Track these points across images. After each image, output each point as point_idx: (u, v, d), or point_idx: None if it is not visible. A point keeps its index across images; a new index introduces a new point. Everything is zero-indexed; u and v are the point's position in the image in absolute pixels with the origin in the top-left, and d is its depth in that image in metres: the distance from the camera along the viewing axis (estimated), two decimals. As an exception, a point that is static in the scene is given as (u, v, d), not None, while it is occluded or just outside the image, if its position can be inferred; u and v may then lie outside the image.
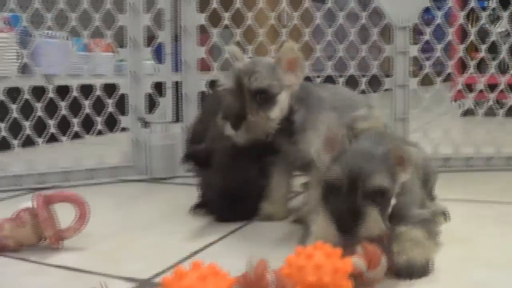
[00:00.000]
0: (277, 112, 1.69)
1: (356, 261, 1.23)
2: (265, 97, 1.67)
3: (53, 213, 1.58)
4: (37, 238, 1.58)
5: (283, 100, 1.70)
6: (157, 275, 1.38)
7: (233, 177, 1.84)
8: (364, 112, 1.92)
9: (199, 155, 1.88)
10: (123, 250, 1.60)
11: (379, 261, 1.24)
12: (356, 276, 1.23)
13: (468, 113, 3.23)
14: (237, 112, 1.64)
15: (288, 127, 1.74)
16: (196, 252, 1.56)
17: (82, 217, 1.60)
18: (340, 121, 1.82)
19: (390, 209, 1.40)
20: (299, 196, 2.06)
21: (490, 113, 2.66)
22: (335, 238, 1.30)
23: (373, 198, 1.33)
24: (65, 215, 1.60)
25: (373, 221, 1.31)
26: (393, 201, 1.41)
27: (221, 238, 1.69)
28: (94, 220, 1.63)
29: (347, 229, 1.30)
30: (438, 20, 2.53)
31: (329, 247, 1.21)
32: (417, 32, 2.86)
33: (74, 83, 2.47)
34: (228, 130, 1.65)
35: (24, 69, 3.28)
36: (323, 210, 1.35)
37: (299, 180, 2.00)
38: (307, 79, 1.92)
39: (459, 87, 2.63)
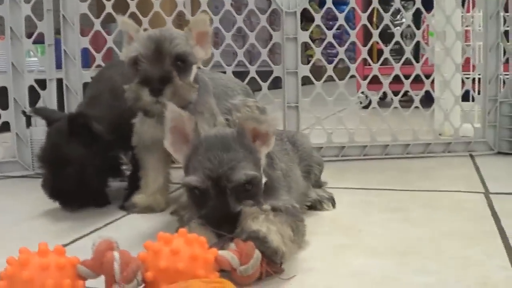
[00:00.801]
0: (192, 80, 1.62)
1: (226, 254, 1.15)
2: (184, 64, 1.59)
3: None
4: None
5: (195, 69, 1.64)
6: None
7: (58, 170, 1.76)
8: (238, 100, 1.86)
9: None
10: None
11: (251, 256, 1.15)
12: (229, 271, 1.16)
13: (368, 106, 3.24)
14: (160, 76, 1.54)
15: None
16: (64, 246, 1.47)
17: None
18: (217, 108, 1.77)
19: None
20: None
21: (387, 104, 2.65)
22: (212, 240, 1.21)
23: (244, 192, 1.27)
24: None
25: (252, 220, 1.23)
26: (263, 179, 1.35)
27: (93, 231, 1.61)
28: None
29: (226, 232, 1.22)
30: (328, 4, 2.49)
31: (193, 235, 1.13)
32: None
33: None
34: (146, 96, 1.54)
35: None
36: (196, 217, 1.26)
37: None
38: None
39: (352, 72, 2.59)
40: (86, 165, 1.75)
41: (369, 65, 2.59)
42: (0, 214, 1.83)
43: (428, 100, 2.72)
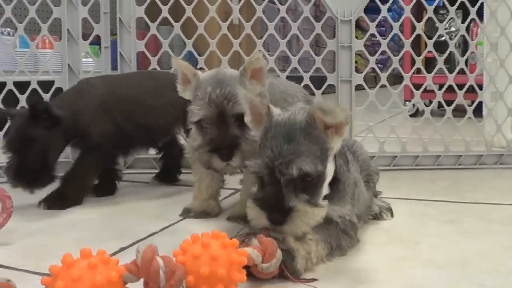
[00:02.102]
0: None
1: (251, 252, 1.18)
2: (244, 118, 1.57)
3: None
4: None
5: None
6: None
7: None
8: (298, 108, 1.85)
9: None
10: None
11: (274, 254, 1.18)
12: (250, 267, 1.18)
13: (419, 114, 3.20)
14: (228, 142, 1.56)
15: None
16: (124, 249, 1.49)
17: (6, 211, 1.53)
18: None
19: (326, 190, 1.34)
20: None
21: (439, 113, 2.63)
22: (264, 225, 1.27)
23: (300, 185, 1.28)
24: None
25: (301, 216, 1.25)
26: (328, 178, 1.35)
27: (150, 235, 1.62)
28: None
29: (276, 221, 1.25)
30: (383, 13, 2.47)
31: (226, 236, 1.16)
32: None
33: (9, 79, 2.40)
34: (218, 163, 1.57)
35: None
36: (254, 199, 1.30)
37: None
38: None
39: (406, 82, 2.57)
40: (49, 146, 1.89)
41: (417, 73, 2.57)
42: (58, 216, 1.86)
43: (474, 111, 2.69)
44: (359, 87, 2.48)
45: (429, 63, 2.57)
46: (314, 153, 1.29)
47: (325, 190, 1.34)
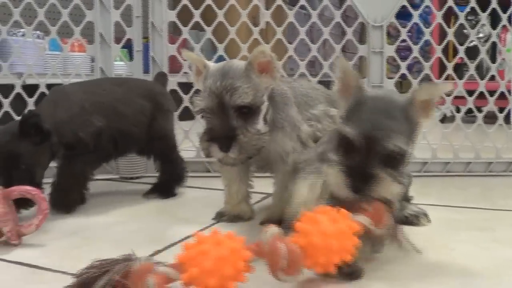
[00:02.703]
0: (262, 123, 1.61)
1: (362, 218, 1.21)
2: (250, 110, 1.58)
3: (12, 208, 1.55)
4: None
5: (265, 106, 1.62)
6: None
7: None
8: (319, 110, 1.85)
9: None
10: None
11: (384, 219, 1.22)
12: (362, 234, 1.22)
13: (446, 120, 3.19)
14: (225, 132, 1.55)
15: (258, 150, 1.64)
16: (159, 251, 1.50)
17: (42, 213, 1.55)
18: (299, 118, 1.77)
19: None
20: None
21: (467, 120, 2.62)
22: (345, 193, 1.26)
23: (389, 161, 1.27)
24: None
25: (386, 186, 1.26)
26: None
27: (184, 239, 1.61)
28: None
29: (359, 189, 1.25)
30: (415, 19, 2.47)
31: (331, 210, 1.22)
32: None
33: (42, 81, 2.43)
34: (217, 153, 1.56)
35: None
36: (337, 165, 1.29)
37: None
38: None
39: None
40: (36, 164, 1.80)
41: (446, 79, 2.57)
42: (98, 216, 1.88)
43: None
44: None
45: (457, 69, 2.55)
46: (408, 133, 1.30)
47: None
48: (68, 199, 1.92)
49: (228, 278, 1.09)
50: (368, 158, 1.26)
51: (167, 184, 2.17)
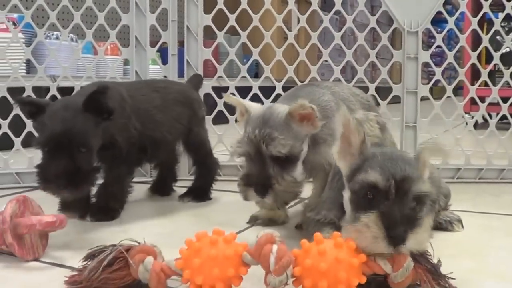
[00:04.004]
0: (300, 170, 1.61)
1: (382, 262, 1.18)
2: (287, 159, 1.58)
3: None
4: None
5: (303, 152, 1.63)
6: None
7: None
8: (359, 115, 1.85)
9: None
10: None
11: (401, 266, 1.18)
12: (381, 277, 1.20)
13: (479, 126, 3.17)
14: (261, 180, 1.56)
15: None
16: None
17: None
18: None
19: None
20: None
21: (502, 126, 2.61)
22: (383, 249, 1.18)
23: (423, 203, 1.26)
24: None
25: (426, 230, 1.21)
26: None
27: None
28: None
29: (400, 237, 1.17)
30: (450, 25, 2.46)
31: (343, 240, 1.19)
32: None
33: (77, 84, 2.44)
34: (253, 197, 1.58)
35: (28, 69, 3.29)
36: (367, 216, 1.20)
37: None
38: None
39: (472, 94, 2.56)
40: (95, 149, 1.69)
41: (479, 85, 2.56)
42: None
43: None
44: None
45: (489, 76, 2.54)
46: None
47: None
48: (110, 208, 1.89)
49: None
50: (403, 202, 1.21)
51: (202, 188, 2.19)
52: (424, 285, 1.19)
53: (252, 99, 2.05)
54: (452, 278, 1.24)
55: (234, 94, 1.69)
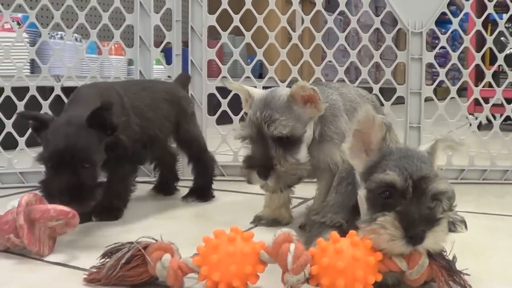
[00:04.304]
0: (304, 152, 1.62)
1: (397, 259, 1.18)
2: (289, 141, 1.59)
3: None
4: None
5: (308, 135, 1.64)
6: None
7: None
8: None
9: None
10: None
11: (419, 260, 1.18)
12: (397, 274, 1.21)
13: (483, 127, 3.17)
14: (263, 161, 1.58)
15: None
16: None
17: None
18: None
19: None
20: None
21: (506, 128, 2.61)
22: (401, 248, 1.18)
23: (440, 202, 1.26)
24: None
25: (443, 229, 1.21)
26: None
27: None
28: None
29: (418, 236, 1.17)
30: (455, 26, 2.46)
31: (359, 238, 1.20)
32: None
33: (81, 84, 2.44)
34: (256, 180, 1.59)
35: (32, 69, 3.29)
36: (384, 217, 1.19)
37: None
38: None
39: (476, 95, 2.55)
40: (98, 164, 1.69)
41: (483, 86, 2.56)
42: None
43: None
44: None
45: (493, 77, 2.54)
46: None
47: None
48: (114, 207, 1.89)
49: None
50: (422, 202, 1.21)
51: (204, 187, 2.18)
52: (439, 281, 1.19)
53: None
54: (467, 274, 1.24)
55: (238, 95, 1.69)
